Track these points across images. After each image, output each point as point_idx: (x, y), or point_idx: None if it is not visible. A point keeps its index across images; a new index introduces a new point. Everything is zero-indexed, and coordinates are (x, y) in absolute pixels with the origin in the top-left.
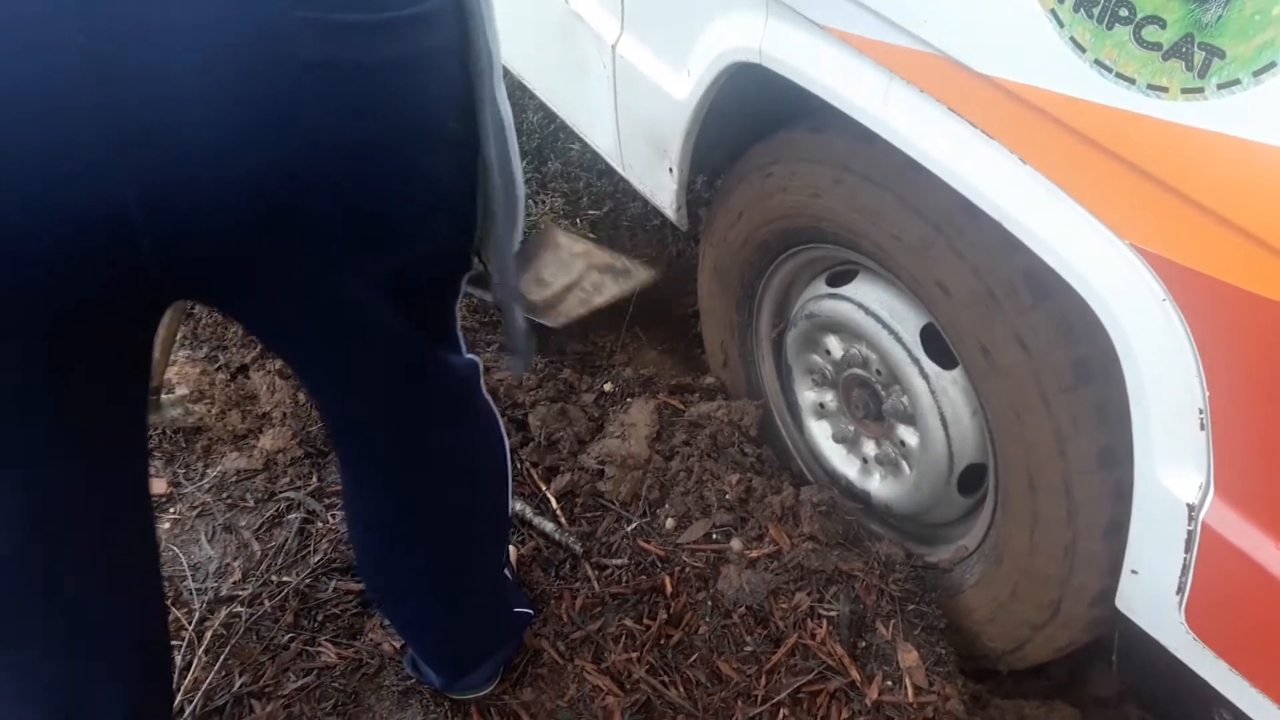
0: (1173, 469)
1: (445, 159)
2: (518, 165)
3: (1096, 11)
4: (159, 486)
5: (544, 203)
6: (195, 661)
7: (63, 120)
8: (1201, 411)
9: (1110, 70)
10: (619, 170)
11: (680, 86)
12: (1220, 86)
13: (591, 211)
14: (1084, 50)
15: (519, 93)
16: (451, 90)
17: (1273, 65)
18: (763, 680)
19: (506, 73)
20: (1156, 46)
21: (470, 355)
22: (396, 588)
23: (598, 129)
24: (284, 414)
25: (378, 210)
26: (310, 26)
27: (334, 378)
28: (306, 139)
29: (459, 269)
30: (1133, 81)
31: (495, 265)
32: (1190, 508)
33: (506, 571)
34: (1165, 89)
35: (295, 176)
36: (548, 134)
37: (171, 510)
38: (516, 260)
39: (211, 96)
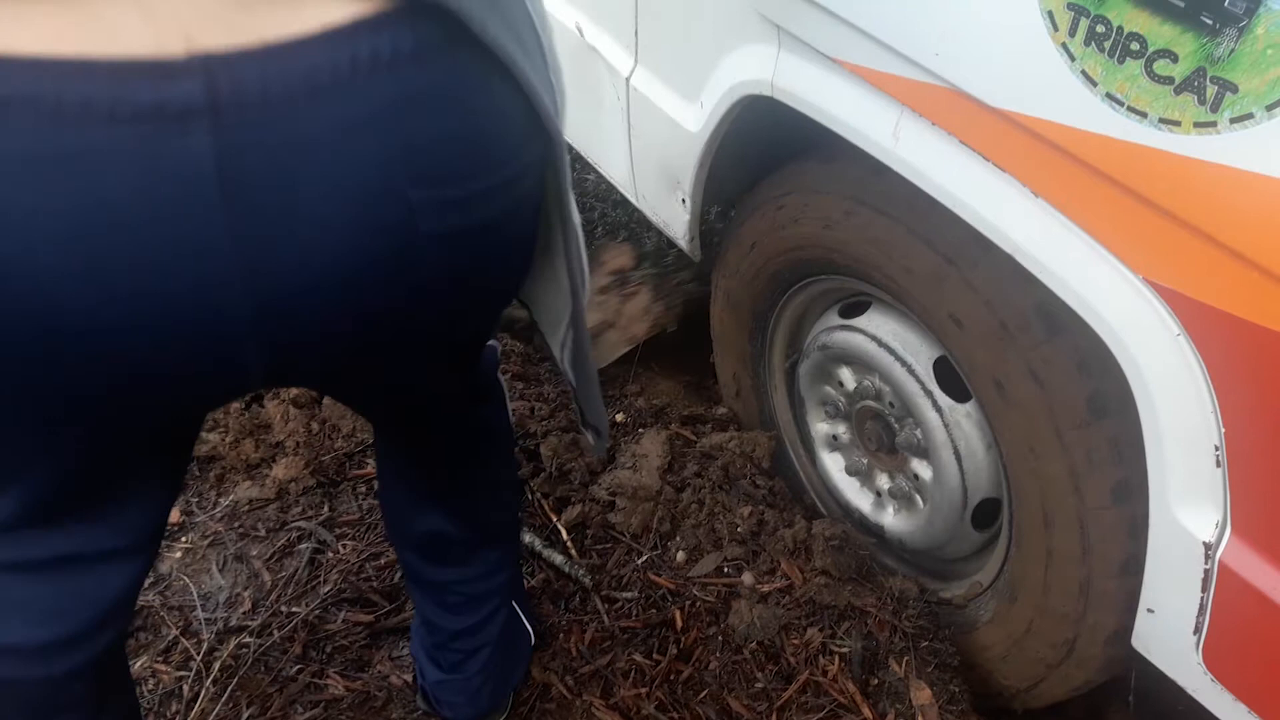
0: (1188, 506)
1: (527, 263)
2: (587, 268)
3: (1108, 45)
4: (171, 515)
5: None
6: (203, 692)
7: (207, 289)
8: (1217, 448)
9: (1122, 104)
10: (633, 201)
11: (693, 118)
12: (1233, 121)
13: (606, 241)
14: (1095, 84)
15: None
16: (537, 208)
17: None
18: (774, 717)
19: None
20: (1168, 80)
21: (491, 343)
22: (432, 554)
23: (612, 160)
24: (297, 443)
25: (475, 327)
26: (427, 203)
27: (388, 415)
28: (419, 292)
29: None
30: (1144, 115)
31: (576, 368)
32: (1207, 546)
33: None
34: (1178, 123)
35: (407, 318)
36: None
37: (183, 539)
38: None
39: (339, 261)
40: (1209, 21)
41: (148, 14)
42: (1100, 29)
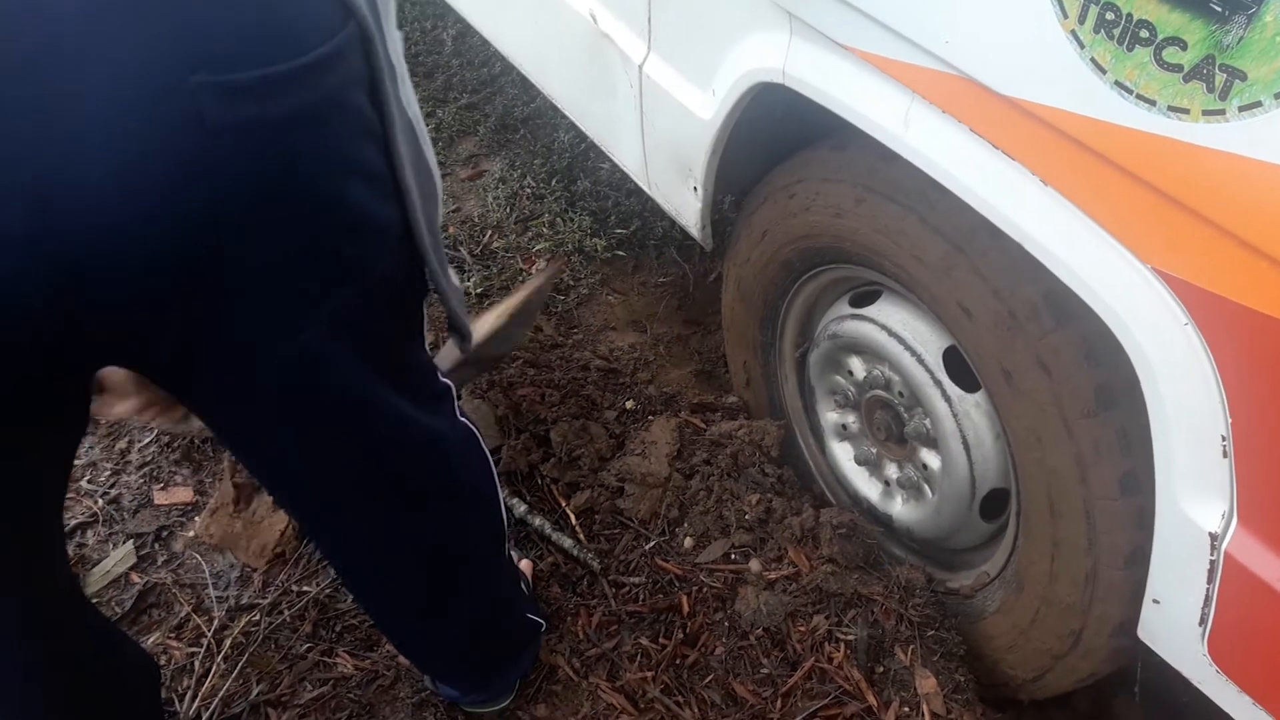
0: (1195, 497)
1: (364, 185)
2: (431, 156)
3: (1117, 33)
4: (185, 495)
5: (572, 220)
6: (214, 669)
7: None
8: (1224, 438)
9: (1131, 92)
10: (645, 189)
11: (705, 106)
12: (1242, 109)
13: (619, 230)
14: (1104, 71)
15: (550, 113)
16: (361, 117)
17: None
18: (778, 703)
19: (538, 93)
20: (1177, 68)
21: (443, 381)
22: (397, 616)
23: (624, 148)
24: None
25: (304, 253)
26: (210, 90)
27: (299, 465)
28: (220, 199)
29: (413, 294)
30: (1153, 103)
31: (422, 246)
32: (1213, 537)
33: (523, 585)
34: (1186, 111)
35: (215, 238)
36: (578, 153)
37: (197, 518)
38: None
39: (116, 171)
40: (1218, 9)
41: None
42: (1110, 16)
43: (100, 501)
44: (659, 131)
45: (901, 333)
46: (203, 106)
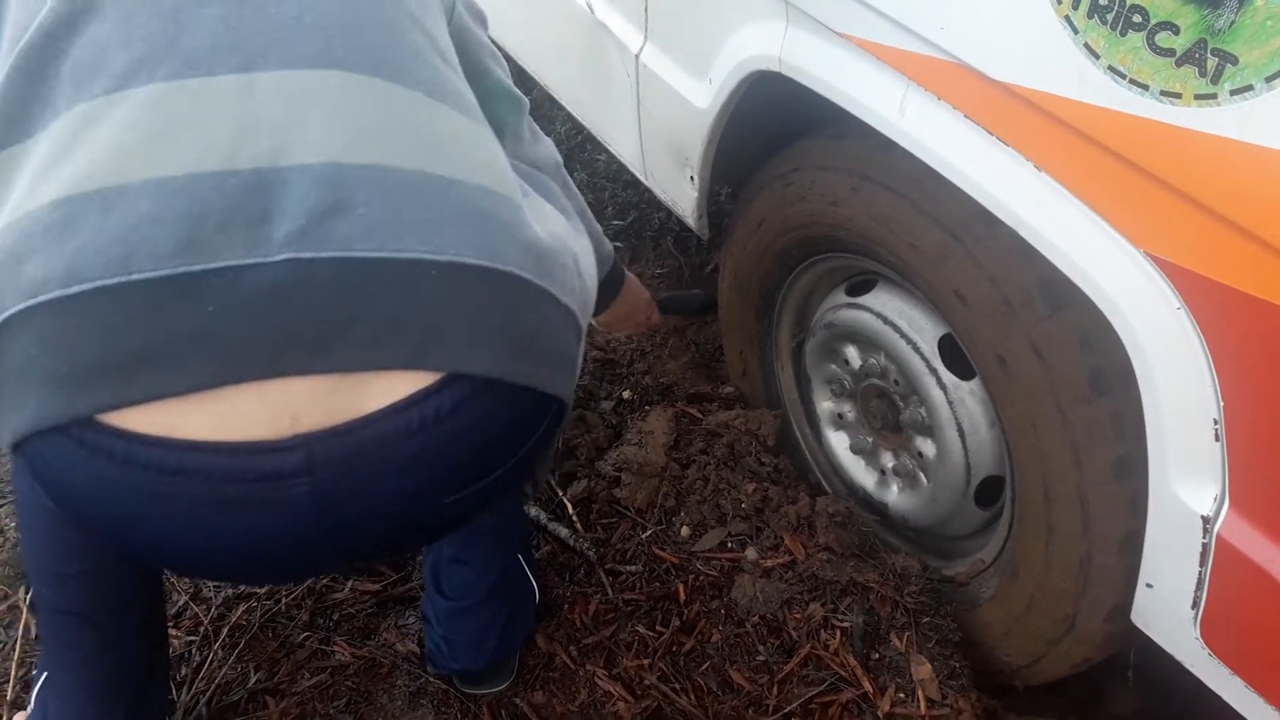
0: (1187, 481)
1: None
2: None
3: (1110, 18)
4: None
5: None
6: (211, 656)
7: (298, 551)
8: (1216, 422)
9: (1124, 76)
10: (642, 179)
11: (702, 95)
12: (1233, 93)
13: (616, 221)
14: (1097, 56)
15: (547, 104)
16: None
17: None
18: (774, 690)
19: (534, 84)
20: (1169, 53)
21: None
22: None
23: (621, 138)
24: None
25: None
26: (455, 500)
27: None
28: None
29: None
30: (1146, 88)
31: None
32: (1205, 520)
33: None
34: (1178, 95)
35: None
36: (575, 145)
37: None
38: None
39: (384, 528)
40: None
41: (264, 403)
42: (1103, 1)
43: None
44: (656, 121)
45: (897, 321)
46: (444, 502)
